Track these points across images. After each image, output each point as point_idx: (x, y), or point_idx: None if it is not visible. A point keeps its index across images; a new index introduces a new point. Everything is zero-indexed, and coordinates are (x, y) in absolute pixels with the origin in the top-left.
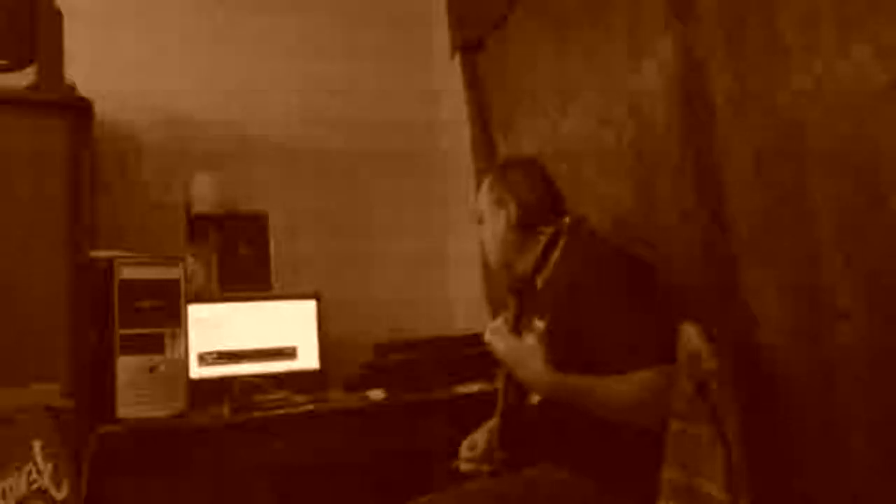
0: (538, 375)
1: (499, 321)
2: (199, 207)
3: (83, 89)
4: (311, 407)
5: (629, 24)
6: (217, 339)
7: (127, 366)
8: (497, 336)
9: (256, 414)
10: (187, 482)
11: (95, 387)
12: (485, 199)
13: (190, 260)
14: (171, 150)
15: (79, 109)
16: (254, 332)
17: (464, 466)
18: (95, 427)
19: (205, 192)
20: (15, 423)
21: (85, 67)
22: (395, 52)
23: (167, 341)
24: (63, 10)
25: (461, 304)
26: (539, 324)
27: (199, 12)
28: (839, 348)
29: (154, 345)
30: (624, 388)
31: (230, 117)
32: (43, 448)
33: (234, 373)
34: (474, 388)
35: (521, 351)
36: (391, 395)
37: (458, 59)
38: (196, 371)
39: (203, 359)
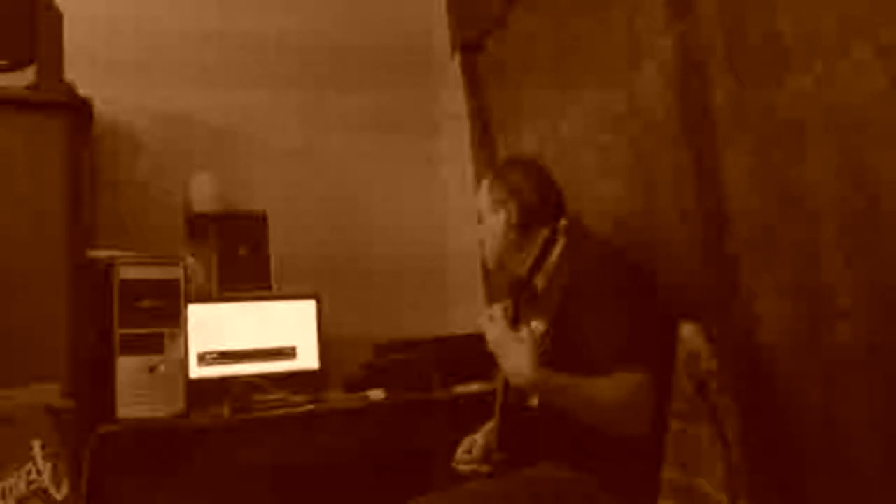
0: (522, 369)
1: (496, 308)
2: (199, 207)
3: (83, 89)
4: (310, 407)
5: (629, 24)
6: (217, 339)
7: (127, 366)
8: (491, 323)
9: (256, 414)
10: (187, 482)
11: (95, 387)
12: (485, 198)
13: (190, 260)
14: (170, 150)
15: (79, 109)
16: (253, 332)
17: (461, 468)
18: (95, 427)
19: (204, 192)
20: (15, 423)
21: (85, 67)
22: (395, 51)
23: (167, 341)
24: (63, 11)
25: (461, 304)
26: (538, 325)
27: (199, 12)
28: (839, 348)
29: (154, 345)
30: (609, 387)
31: (230, 117)
32: (43, 448)
33: (234, 373)
34: (474, 388)
35: (511, 342)
36: (391, 395)
37: (457, 59)
38: (196, 371)
39: (203, 359)
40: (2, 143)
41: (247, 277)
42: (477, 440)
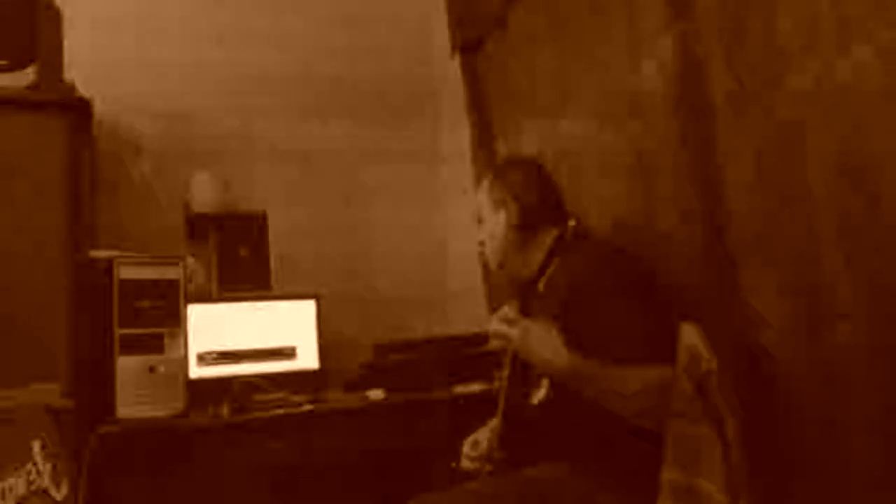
0: (558, 353)
1: (506, 309)
2: (199, 207)
3: (83, 89)
4: (310, 407)
5: (629, 24)
6: (217, 339)
7: (126, 366)
8: (507, 323)
9: (256, 414)
10: (187, 482)
11: (95, 387)
12: (484, 199)
13: (190, 260)
14: (171, 150)
15: (79, 109)
16: (253, 332)
17: (466, 465)
18: (95, 427)
19: (205, 192)
20: (15, 423)
21: (85, 67)
22: (396, 51)
23: (167, 341)
24: (63, 10)
25: (461, 304)
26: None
27: (199, 12)
28: (839, 348)
29: (153, 345)
30: (638, 378)
31: (230, 117)
32: (43, 448)
33: (234, 373)
34: (474, 388)
35: (539, 330)
36: (391, 395)
37: (458, 59)
38: (196, 371)
39: (203, 359)
40: (2, 143)
41: (247, 277)
42: (481, 438)
